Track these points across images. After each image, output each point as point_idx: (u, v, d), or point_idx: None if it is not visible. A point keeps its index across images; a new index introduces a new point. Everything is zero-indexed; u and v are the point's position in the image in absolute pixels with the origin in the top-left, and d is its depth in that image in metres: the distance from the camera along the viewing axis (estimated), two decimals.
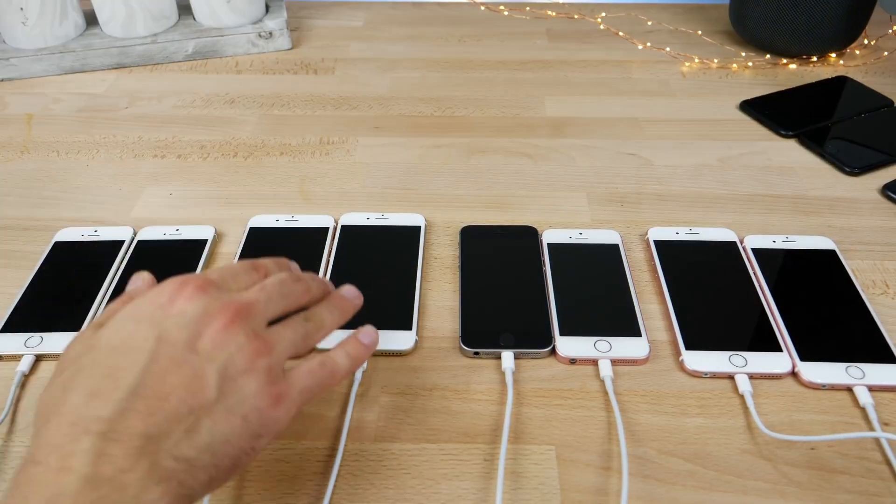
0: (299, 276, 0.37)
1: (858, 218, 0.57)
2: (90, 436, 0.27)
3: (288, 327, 0.34)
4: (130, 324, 0.32)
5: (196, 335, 0.31)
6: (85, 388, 0.29)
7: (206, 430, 0.29)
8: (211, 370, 0.30)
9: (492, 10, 0.93)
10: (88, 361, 0.31)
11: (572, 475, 0.39)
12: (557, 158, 0.64)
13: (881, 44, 0.82)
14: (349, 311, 0.39)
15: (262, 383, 0.31)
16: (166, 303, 0.32)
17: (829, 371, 0.43)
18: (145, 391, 0.29)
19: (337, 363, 0.35)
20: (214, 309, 0.32)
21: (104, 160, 0.65)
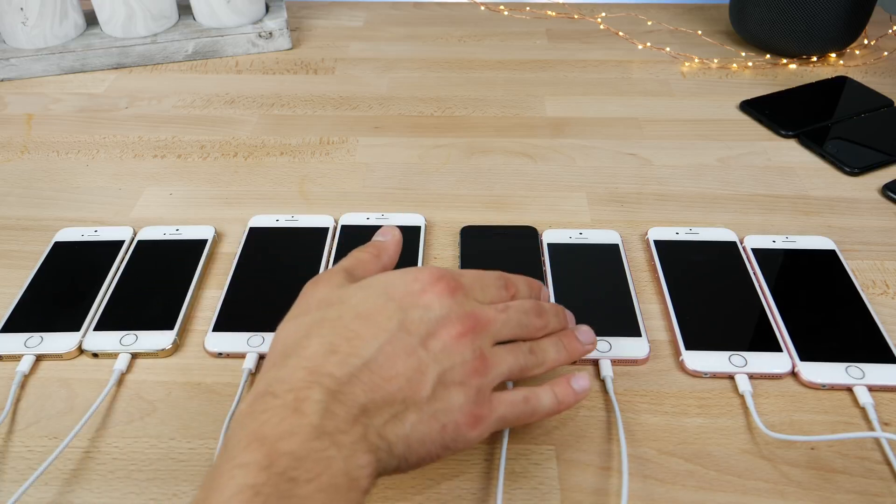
0: (542, 310, 0.38)
1: (858, 218, 0.57)
2: (322, 389, 0.30)
3: (511, 354, 0.35)
4: (381, 298, 0.34)
5: (432, 334, 0.33)
6: (326, 342, 0.32)
7: (409, 423, 0.31)
8: (432, 370, 0.32)
9: (492, 10, 0.93)
10: (334, 315, 0.33)
11: (572, 475, 0.39)
12: (557, 158, 0.64)
13: (881, 44, 0.82)
14: (576, 356, 0.39)
15: (468, 401, 0.32)
16: (418, 292, 0.34)
17: (829, 371, 0.43)
18: (375, 367, 0.31)
19: (541, 403, 0.36)
20: (455, 315, 0.34)
21: (104, 160, 0.65)
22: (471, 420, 0.32)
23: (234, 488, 0.26)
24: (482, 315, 0.35)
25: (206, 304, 0.50)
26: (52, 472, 0.39)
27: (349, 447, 0.29)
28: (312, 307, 0.35)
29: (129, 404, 0.43)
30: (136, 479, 0.39)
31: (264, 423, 0.28)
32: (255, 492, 0.26)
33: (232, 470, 0.27)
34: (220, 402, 0.43)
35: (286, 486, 0.26)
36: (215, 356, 0.46)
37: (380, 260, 0.39)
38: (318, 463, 0.27)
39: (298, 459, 0.27)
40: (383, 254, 0.40)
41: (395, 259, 0.40)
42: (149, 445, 0.40)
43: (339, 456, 0.28)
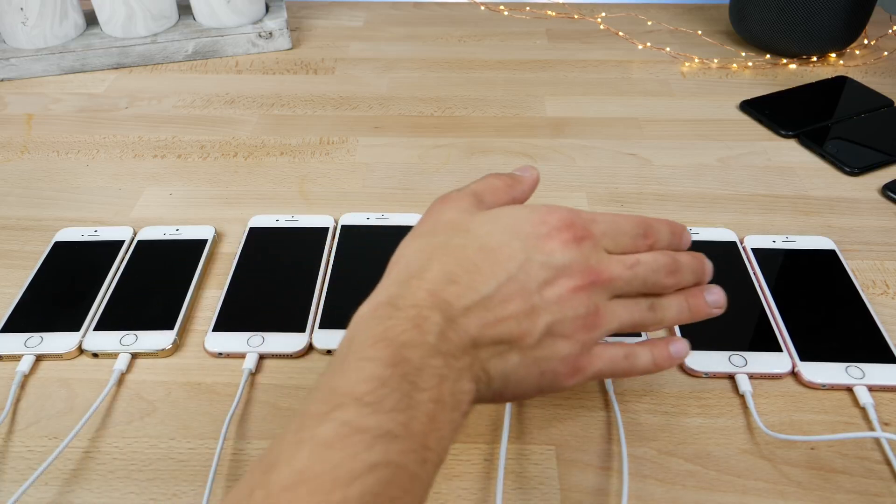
0: (677, 268, 0.36)
1: (858, 218, 0.57)
2: (441, 313, 0.31)
3: (627, 310, 0.35)
4: (506, 235, 0.33)
5: (549, 282, 0.32)
6: (447, 269, 0.32)
7: (511, 363, 0.32)
8: (543, 319, 0.32)
9: (492, 10, 0.93)
10: (458, 243, 0.33)
11: (572, 475, 0.39)
12: (557, 158, 0.64)
13: (881, 44, 0.82)
14: (699, 318, 0.37)
15: (572, 353, 0.33)
16: (543, 235, 0.33)
17: (829, 371, 0.43)
18: (490, 305, 0.31)
19: (638, 361, 0.35)
20: (577, 267, 0.33)
21: (104, 160, 0.65)
22: (570, 370, 0.33)
23: (363, 376, 0.28)
24: (605, 270, 0.33)
25: (206, 304, 0.50)
26: (52, 472, 0.39)
27: (457, 372, 0.30)
28: (439, 229, 0.35)
29: (129, 404, 0.43)
30: (136, 479, 0.39)
31: (389, 329, 0.30)
32: (381, 382, 0.28)
33: (359, 361, 0.29)
34: (220, 402, 0.43)
35: (407, 386, 0.28)
36: (215, 356, 0.46)
37: (512, 191, 0.38)
38: (433, 377, 0.29)
39: (418, 369, 0.29)
40: (517, 186, 0.38)
41: (528, 197, 0.39)
42: (149, 445, 0.40)
43: (449, 377, 0.29)
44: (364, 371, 0.28)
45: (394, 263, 0.35)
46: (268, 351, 0.45)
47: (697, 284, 0.37)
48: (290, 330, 0.46)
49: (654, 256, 0.35)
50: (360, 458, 0.26)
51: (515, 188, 0.38)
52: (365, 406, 0.27)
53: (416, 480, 0.27)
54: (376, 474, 0.26)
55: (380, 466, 0.26)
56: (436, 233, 0.35)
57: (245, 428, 0.41)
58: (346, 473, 0.25)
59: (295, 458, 0.26)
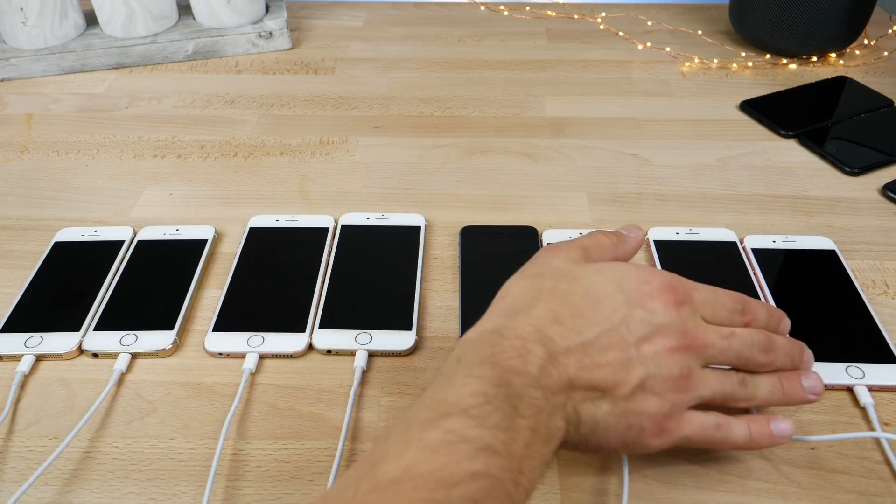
0: (772, 347, 0.36)
1: (858, 218, 0.57)
2: (544, 347, 0.32)
3: (718, 381, 0.35)
4: (612, 287, 0.34)
5: (647, 338, 0.33)
6: (553, 311, 0.33)
7: (601, 411, 0.32)
8: (638, 372, 0.33)
9: (492, 10, 0.93)
10: (565, 289, 0.35)
11: (572, 475, 0.39)
12: (557, 158, 0.64)
13: (881, 44, 0.82)
14: (794, 402, 0.37)
15: (661, 412, 0.33)
16: (647, 293, 0.34)
17: (829, 371, 0.43)
18: (591, 350, 0.32)
19: (732, 434, 0.35)
20: (675, 328, 0.34)
21: (104, 160, 0.65)
22: (656, 430, 0.33)
23: (470, 390, 0.29)
24: (701, 336, 0.34)
25: (206, 304, 0.50)
26: (52, 472, 0.39)
27: (553, 407, 0.31)
28: (546, 273, 0.36)
29: (129, 404, 0.43)
30: (136, 479, 0.39)
31: (496, 353, 0.31)
32: (486, 399, 0.29)
33: (466, 377, 0.30)
34: (220, 402, 0.43)
35: (509, 408, 0.29)
36: (215, 356, 0.46)
37: (617, 249, 0.39)
38: (531, 407, 0.30)
39: (519, 395, 0.30)
40: (622, 245, 0.40)
41: (631, 256, 0.40)
42: (149, 445, 0.40)
43: (545, 409, 0.30)
44: (471, 386, 0.30)
45: (500, 299, 0.36)
46: (268, 351, 0.45)
47: (794, 370, 0.37)
48: (290, 330, 0.46)
49: (749, 332, 0.36)
50: (463, 465, 0.27)
51: (620, 247, 0.40)
52: (470, 418, 0.28)
53: (510, 499, 0.28)
54: (477, 483, 0.27)
55: (480, 476, 0.27)
56: (543, 276, 0.36)
57: (245, 428, 0.41)
58: (450, 476, 0.26)
59: (403, 456, 0.27)
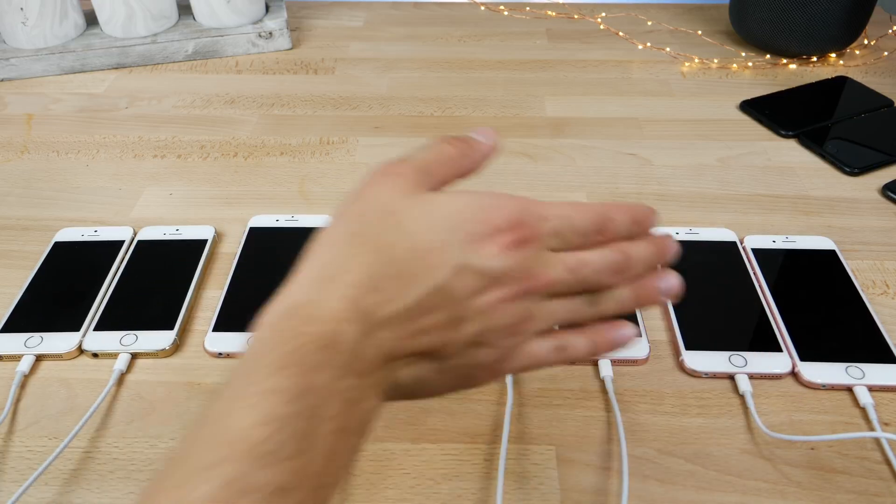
0: (626, 266, 0.32)
1: (858, 218, 0.57)
2: (358, 327, 0.28)
3: (565, 307, 0.31)
4: (443, 233, 0.29)
5: (481, 291, 0.29)
6: (371, 274, 0.29)
7: (424, 371, 0.30)
8: (468, 329, 0.29)
9: (492, 10, 0.93)
10: (387, 242, 0.29)
11: (572, 475, 0.39)
12: (557, 158, 0.64)
13: (881, 44, 0.82)
14: (649, 305, 0.33)
15: (495, 358, 0.30)
16: (484, 237, 0.29)
17: (829, 371, 0.43)
18: (412, 315, 0.28)
19: (576, 350, 0.32)
20: (514, 276, 0.29)
21: (104, 160, 0.65)
22: (489, 373, 0.31)
23: (260, 416, 0.24)
24: (543, 277, 0.30)
25: (206, 304, 0.50)
26: (52, 472, 0.39)
27: (366, 390, 0.28)
28: (368, 217, 0.31)
29: (129, 404, 0.43)
30: (136, 479, 0.39)
31: (296, 351, 0.26)
32: (280, 425, 0.24)
33: (259, 395, 0.25)
34: None
35: (310, 422, 0.25)
36: (215, 356, 0.46)
37: (464, 161, 0.33)
38: (341, 403, 0.26)
39: (325, 397, 0.26)
40: (471, 154, 0.34)
41: (480, 166, 0.34)
42: (149, 445, 0.40)
43: (357, 398, 0.27)
44: (260, 410, 0.25)
45: (312, 255, 0.31)
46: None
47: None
48: None
49: (601, 255, 0.31)
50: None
51: (469, 157, 0.34)
52: (257, 459, 0.24)
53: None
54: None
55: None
56: (364, 221, 0.30)
57: None
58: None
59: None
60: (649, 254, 0.33)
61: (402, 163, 0.32)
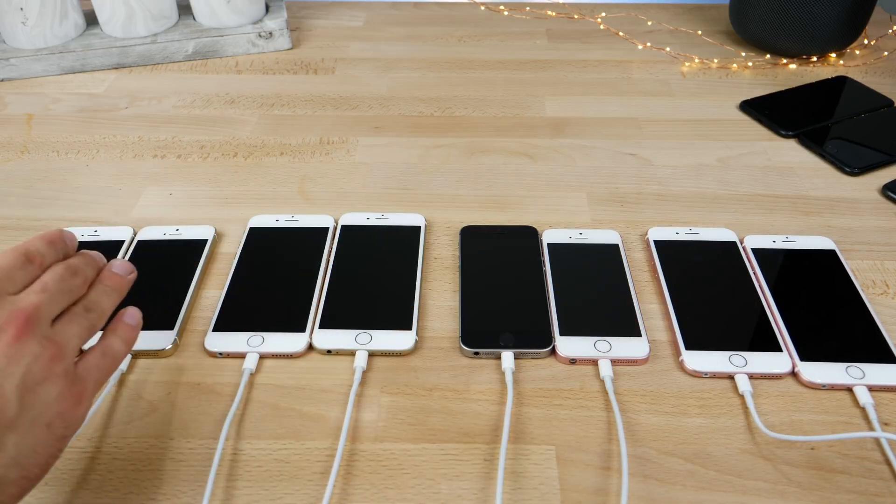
0: (75, 269, 0.36)
1: (858, 218, 0.57)
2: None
3: (73, 323, 0.34)
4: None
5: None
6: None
7: (11, 447, 0.30)
8: (9, 386, 0.30)
9: (492, 10, 0.93)
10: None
11: (572, 475, 0.39)
12: (557, 158, 0.64)
13: (881, 44, 0.82)
14: (125, 289, 0.39)
15: (62, 388, 0.32)
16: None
17: (829, 371, 0.43)
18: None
19: (116, 349, 0.36)
20: (0, 321, 0.31)
21: (104, 160, 0.65)
22: (73, 402, 0.32)
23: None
24: (26, 307, 0.32)
25: (206, 304, 0.50)
26: (52, 471, 0.39)
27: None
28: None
29: (129, 404, 0.43)
30: (135, 479, 0.39)
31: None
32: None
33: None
34: (220, 402, 0.43)
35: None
36: (215, 356, 0.46)
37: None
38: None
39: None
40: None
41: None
42: (149, 445, 0.40)
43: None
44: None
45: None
46: (268, 351, 0.45)
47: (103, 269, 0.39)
48: (290, 330, 0.46)
49: (51, 271, 0.35)
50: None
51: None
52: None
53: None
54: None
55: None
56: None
57: (245, 428, 0.41)
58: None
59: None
60: (84, 258, 0.38)
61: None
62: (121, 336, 0.37)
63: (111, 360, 0.36)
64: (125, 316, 0.38)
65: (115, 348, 0.36)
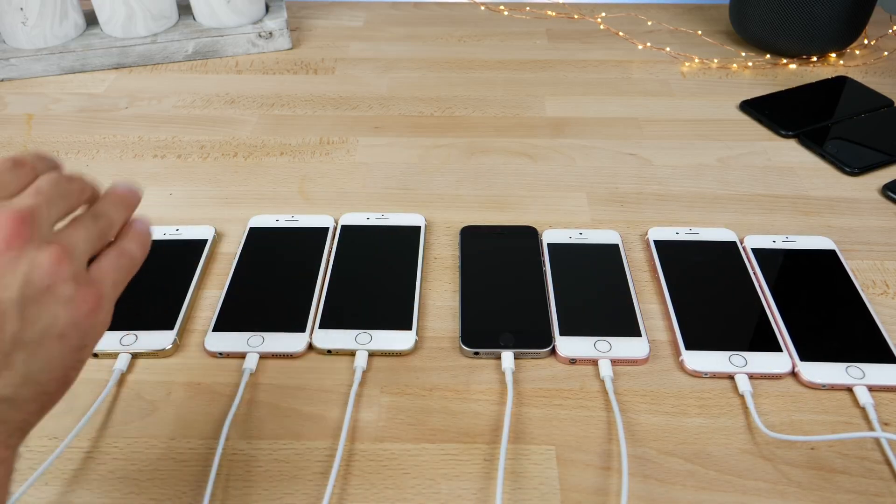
0: (70, 175, 0.32)
1: (858, 218, 0.57)
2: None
3: (80, 227, 0.30)
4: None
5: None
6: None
7: (20, 364, 0.27)
8: (6, 300, 0.26)
9: (492, 10, 0.93)
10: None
11: (572, 475, 0.39)
12: (557, 158, 0.64)
13: (881, 44, 0.82)
14: (133, 204, 0.35)
15: (71, 293, 0.28)
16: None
17: (829, 371, 0.43)
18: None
19: (132, 250, 0.33)
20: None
21: (104, 160, 0.65)
22: (88, 307, 0.29)
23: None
24: (20, 207, 0.28)
25: (206, 304, 0.50)
26: (52, 472, 0.39)
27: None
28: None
29: (129, 404, 0.43)
30: (136, 479, 0.39)
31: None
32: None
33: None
34: (220, 402, 0.43)
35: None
36: (215, 356, 0.46)
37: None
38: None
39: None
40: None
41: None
42: (149, 445, 0.40)
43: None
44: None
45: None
46: (268, 351, 0.45)
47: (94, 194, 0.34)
48: (290, 330, 0.46)
49: (46, 175, 0.31)
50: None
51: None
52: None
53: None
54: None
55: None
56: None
57: (245, 428, 0.41)
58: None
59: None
60: (73, 176, 0.32)
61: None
62: (134, 239, 0.33)
63: (128, 260, 0.32)
64: (136, 222, 0.34)
65: (131, 249, 0.33)
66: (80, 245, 0.30)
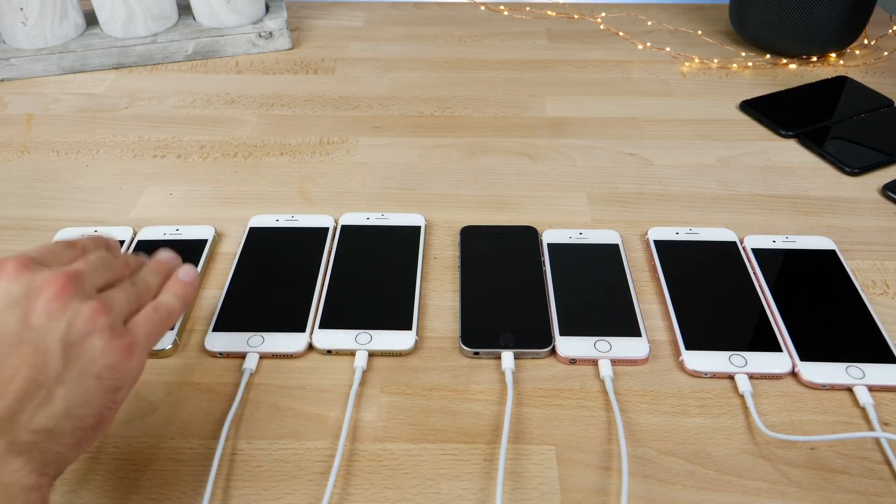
0: (117, 253, 0.38)
1: (858, 218, 0.57)
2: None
3: (119, 290, 0.35)
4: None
5: (28, 311, 0.31)
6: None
7: (61, 399, 0.30)
8: (52, 341, 0.31)
9: (492, 10, 0.93)
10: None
11: (572, 475, 0.39)
12: (557, 158, 0.64)
13: (881, 44, 0.82)
14: (171, 261, 0.40)
15: (107, 340, 0.32)
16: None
17: (829, 371, 0.43)
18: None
19: (169, 304, 0.37)
20: (41, 281, 0.32)
21: (104, 160, 0.65)
22: (122, 354, 0.32)
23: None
24: (68, 270, 0.33)
25: (206, 304, 0.50)
26: None
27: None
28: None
29: (129, 404, 0.43)
30: (135, 479, 0.39)
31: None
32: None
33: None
34: (220, 402, 0.43)
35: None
36: (215, 356, 0.46)
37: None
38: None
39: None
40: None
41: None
42: (149, 445, 0.40)
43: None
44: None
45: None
46: (268, 351, 0.45)
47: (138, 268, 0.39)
48: (290, 330, 0.46)
49: (94, 252, 0.36)
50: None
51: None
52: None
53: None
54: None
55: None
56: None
57: (245, 428, 0.41)
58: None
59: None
60: (126, 257, 0.39)
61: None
62: (174, 292, 0.37)
63: (164, 314, 0.36)
64: (179, 273, 0.39)
65: (168, 302, 0.37)
66: (117, 303, 0.34)
